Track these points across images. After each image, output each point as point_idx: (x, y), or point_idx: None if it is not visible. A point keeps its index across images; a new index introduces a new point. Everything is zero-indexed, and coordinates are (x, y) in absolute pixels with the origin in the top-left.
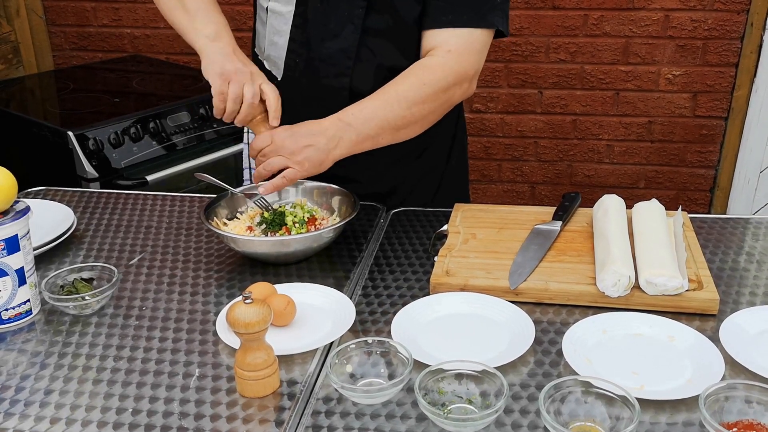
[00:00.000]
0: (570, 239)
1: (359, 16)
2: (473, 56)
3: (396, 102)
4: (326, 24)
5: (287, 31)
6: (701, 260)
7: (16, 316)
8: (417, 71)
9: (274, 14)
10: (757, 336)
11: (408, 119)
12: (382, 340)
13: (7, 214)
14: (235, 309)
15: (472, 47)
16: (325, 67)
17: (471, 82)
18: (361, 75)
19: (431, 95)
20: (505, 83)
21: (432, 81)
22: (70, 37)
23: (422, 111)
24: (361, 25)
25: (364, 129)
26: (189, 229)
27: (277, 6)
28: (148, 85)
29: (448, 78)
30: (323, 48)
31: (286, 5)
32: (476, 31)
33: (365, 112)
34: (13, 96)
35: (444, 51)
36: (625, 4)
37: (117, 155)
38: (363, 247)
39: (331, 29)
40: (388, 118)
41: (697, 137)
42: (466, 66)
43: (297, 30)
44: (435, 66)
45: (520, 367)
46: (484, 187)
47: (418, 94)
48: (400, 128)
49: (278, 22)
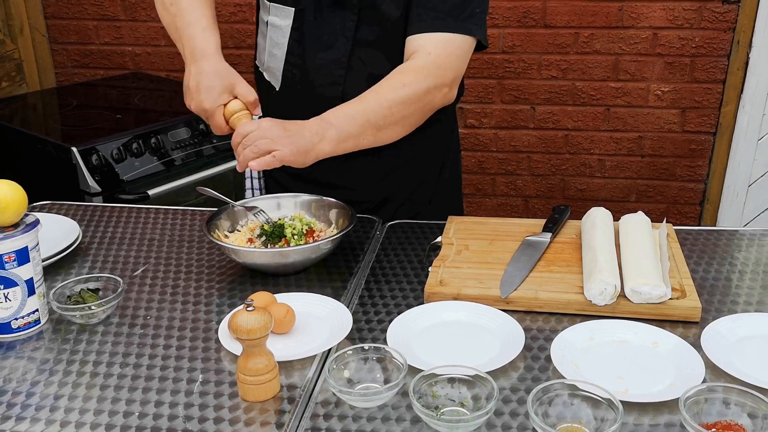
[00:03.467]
0: (559, 250)
1: (350, 29)
2: (452, 60)
3: (377, 102)
4: (320, 36)
5: (285, 43)
6: (685, 270)
7: (26, 325)
8: (397, 74)
9: (274, 27)
10: (736, 342)
11: (389, 119)
12: (378, 347)
13: (17, 226)
14: (238, 316)
15: (451, 52)
16: (320, 76)
17: (451, 88)
18: (353, 84)
19: (411, 96)
20: (498, 99)
21: (412, 82)
22: (72, 54)
23: (402, 112)
24: (352, 37)
25: (346, 127)
26: (190, 241)
27: (276, 20)
28: (148, 101)
29: (428, 80)
30: (317, 59)
31: (284, 19)
32: (455, 37)
33: (347, 110)
34: (17, 112)
35: (424, 54)
36: (615, 23)
37: (119, 170)
38: (359, 258)
39: (325, 41)
40: (369, 118)
41: (686, 152)
42: (446, 69)
43: (294, 42)
44: (415, 68)
45: (511, 372)
46: (478, 200)
47: (398, 95)
48: (381, 128)
49: (277, 35)
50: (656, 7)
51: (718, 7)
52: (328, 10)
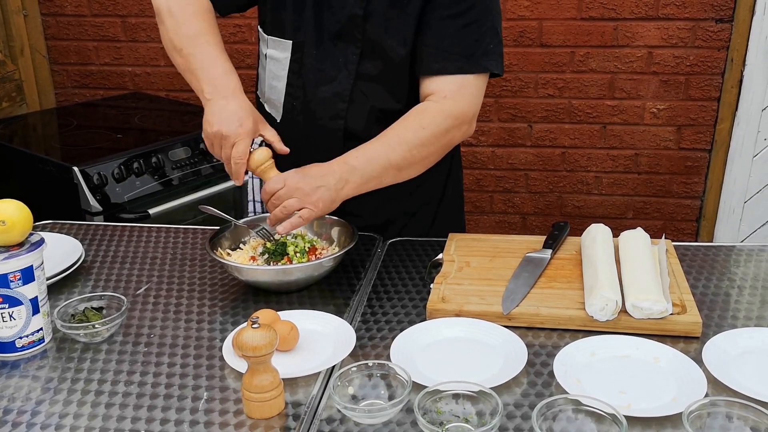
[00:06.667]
0: (560, 266)
1: (353, 63)
2: (468, 99)
3: (397, 145)
4: (322, 69)
5: (284, 76)
6: (684, 285)
7: (30, 344)
8: (416, 115)
9: (273, 60)
10: (737, 356)
11: (409, 160)
12: (382, 363)
13: (22, 245)
14: (244, 333)
15: (467, 91)
16: (321, 109)
17: (470, 124)
18: (355, 116)
19: (430, 138)
20: (495, 117)
21: (430, 125)
22: (72, 75)
23: (422, 153)
24: (354, 71)
25: (368, 170)
26: (192, 259)
27: (275, 53)
28: (148, 121)
29: (447, 121)
30: (319, 92)
31: (283, 52)
32: (471, 77)
33: (369, 154)
34: (17, 132)
35: (440, 97)
36: (610, 42)
37: (120, 189)
38: (361, 276)
39: (327, 74)
40: (391, 160)
41: (682, 169)
42: (463, 109)
43: (293, 75)
44: (433, 111)
45: (514, 388)
46: (476, 218)
47: (417, 137)
48: (402, 169)
49: (276, 67)
50: (650, 27)
51: (711, 26)
52: (330, 43)
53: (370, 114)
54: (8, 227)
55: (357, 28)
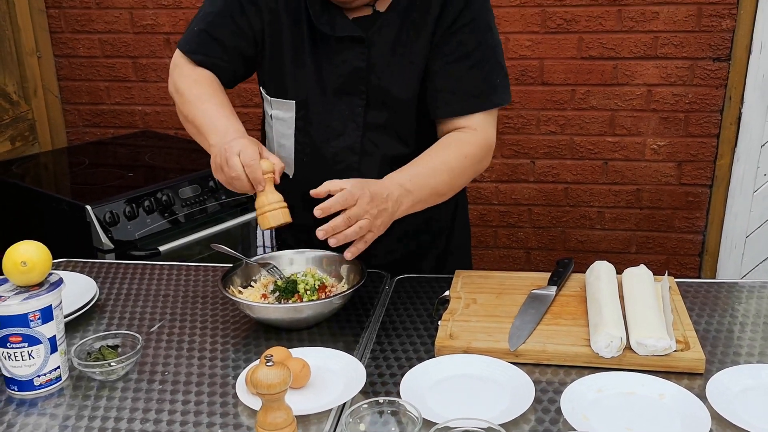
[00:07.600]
0: (565, 303)
1: (359, 114)
2: (492, 131)
3: (444, 171)
4: (329, 124)
5: (291, 134)
6: (687, 322)
7: (47, 383)
8: (457, 144)
9: (278, 120)
10: (740, 393)
11: (450, 186)
12: (392, 400)
13: (42, 285)
14: (258, 371)
15: (489, 123)
16: (334, 163)
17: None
18: (368, 167)
19: (470, 167)
20: (499, 154)
21: (471, 154)
22: (83, 114)
23: (461, 180)
24: (362, 122)
25: (419, 195)
26: (204, 297)
27: (279, 113)
28: (158, 159)
29: (482, 150)
30: (329, 147)
31: (287, 112)
32: (487, 113)
33: (420, 179)
34: (30, 171)
35: (471, 130)
36: (610, 80)
37: (131, 227)
38: (370, 313)
39: (334, 129)
40: (437, 186)
41: (683, 204)
42: (490, 140)
43: (300, 133)
44: (471, 141)
45: (522, 425)
46: (481, 252)
47: (460, 165)
48: (441, 194)
49: (282, 127)
50: (649, 66)
51: (709, 65)
52: (334, 97)
53: (383, 162)
54: (29, 268)
55: (361, 80)
